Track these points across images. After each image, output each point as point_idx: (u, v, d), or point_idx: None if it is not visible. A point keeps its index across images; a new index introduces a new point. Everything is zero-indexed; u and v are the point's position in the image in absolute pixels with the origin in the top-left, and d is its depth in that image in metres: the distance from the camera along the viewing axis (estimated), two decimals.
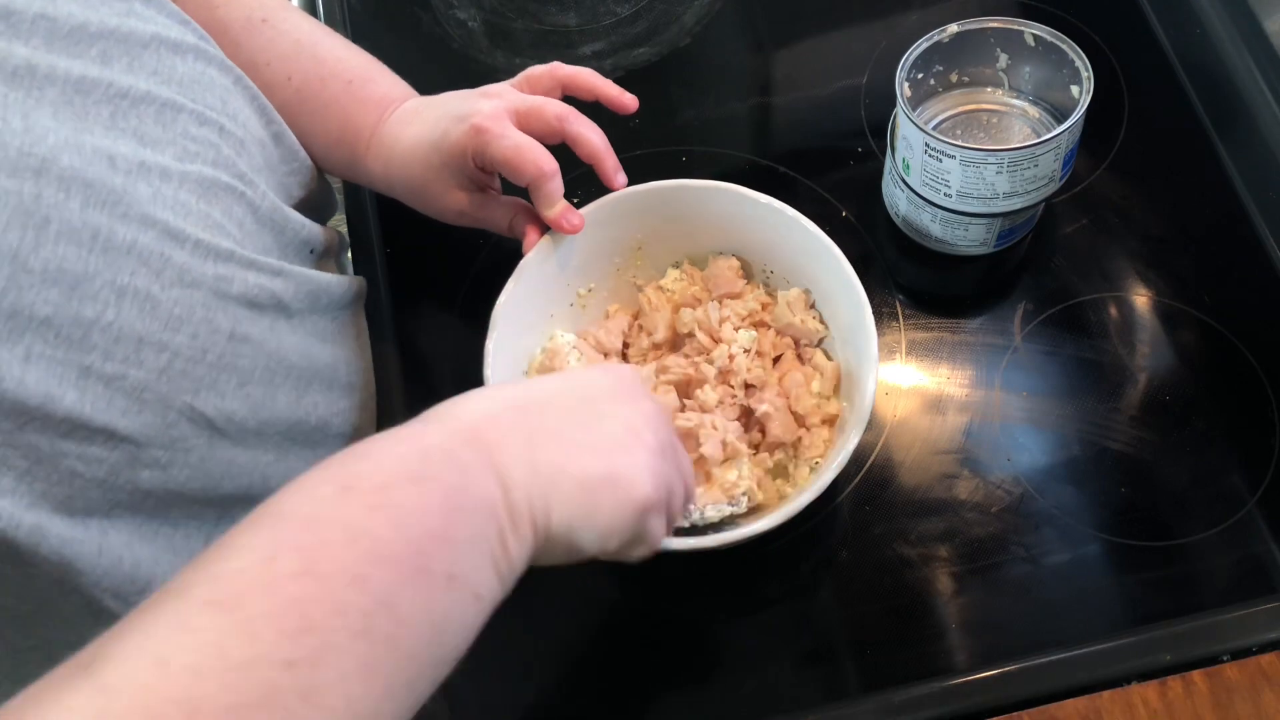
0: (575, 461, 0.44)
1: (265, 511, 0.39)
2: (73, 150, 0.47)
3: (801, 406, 0.63)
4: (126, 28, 0.53)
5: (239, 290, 0.55)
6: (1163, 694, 0.56)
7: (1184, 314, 0.69)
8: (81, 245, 0.47)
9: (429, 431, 0.43)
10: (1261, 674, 0.57)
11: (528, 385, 0.48)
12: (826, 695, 0.60)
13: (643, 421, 0.47)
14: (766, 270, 0.68)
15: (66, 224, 0.46)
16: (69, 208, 0.47)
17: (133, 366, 0.49)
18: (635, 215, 0.66)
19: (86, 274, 0.47)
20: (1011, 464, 0.65)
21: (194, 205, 0.53)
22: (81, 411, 0.48)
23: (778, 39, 0.81)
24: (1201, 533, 0.63)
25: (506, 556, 0.42)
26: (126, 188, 0.49)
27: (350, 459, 0.41)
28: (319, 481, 0.39)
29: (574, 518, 0.44)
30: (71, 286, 0.47)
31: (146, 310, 0.50)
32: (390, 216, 0.77)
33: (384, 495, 0.39)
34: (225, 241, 0.55)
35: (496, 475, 0.42)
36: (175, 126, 0.54)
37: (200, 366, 0.53)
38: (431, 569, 0.39)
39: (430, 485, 0.40)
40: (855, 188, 0.74)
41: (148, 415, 0.51)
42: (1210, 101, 0.76)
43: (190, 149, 0.55)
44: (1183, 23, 0.79)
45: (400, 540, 0.38)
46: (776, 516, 0.57)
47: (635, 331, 0.69)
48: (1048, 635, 0.60)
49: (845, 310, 0.63)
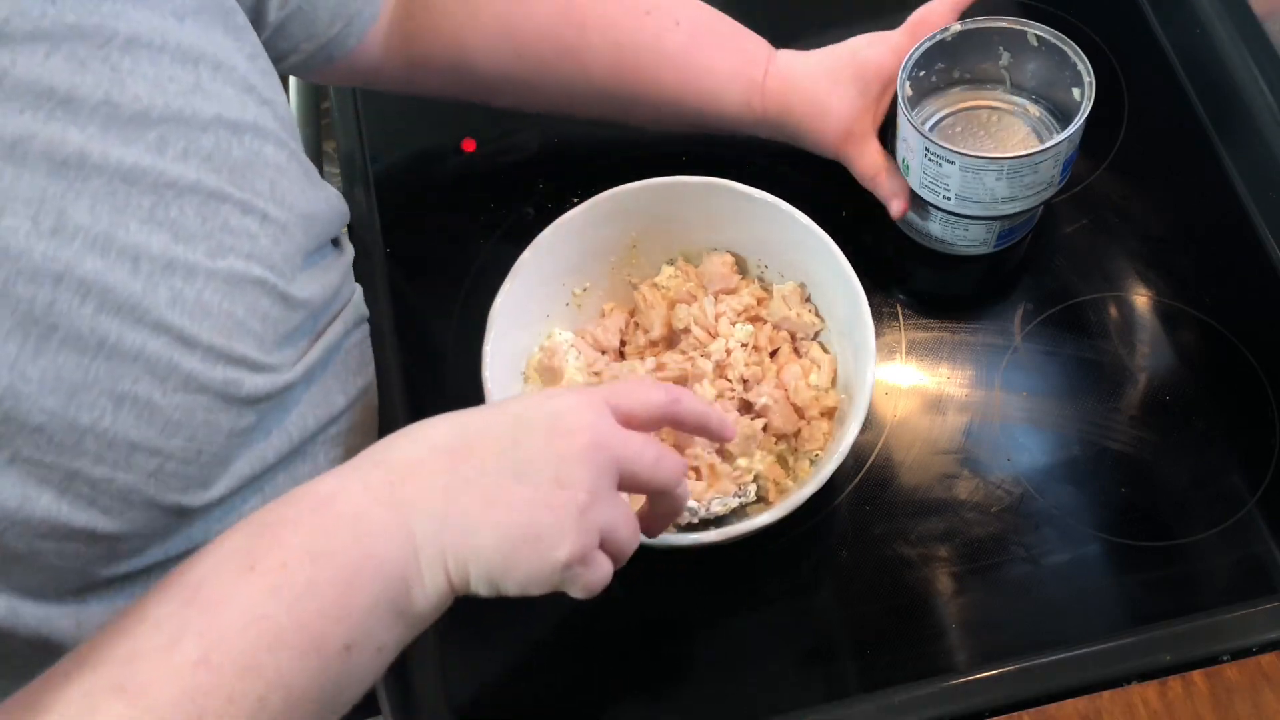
0: (492, 517, 0.44)
1: (181, 581, 0.42)
2: (99, 252, 0.47)
3: (800, 399, 0.63)
4: (190, 109, 0.51)
5: (247, 391, 0.54)
6: (1163, 694, 0.56)
7: (1184, 314, 0.69)
8: (85, 353, 0.47)
9: (347, 488, 0.44)
10: (1261, 674, 0.57)
11: (465, 422, 0.47)
12: (826, 695, 0.60)
13: (576, 468, 0.45)
14: (761, 265, 0.68)
15: (73, 331, 0.46)
16: (81, 314, 0.46)
17: (122, 471, 0.49)
18: (629, 213, 0.66)
19: (85, 382, 0.47)
20: (1011, 464, 0.65)
21: (216, 306, 0.52)
22: (59, 514, 0.48)
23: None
24: (1201, 533, 0.63)
25: (413, 609, 0.44)
26: (145, 292, 0.48)
27: (262, 527, 0.43)
28: (230, 552, 0.42)
29: (491, 572, 0.44)
30: (69, 394, 0.46)
31: (144, 417, 0.49)
32: (390, 216, 0.77)
33: (282, 575, 0.41)
34: (240, 345, 0.53)
35: (407, 536, 0.43)
36: (216, 219, 0.52)
37: (193, 467, 0.52)
38: (327, 644, 0.41)
39: (329, 561, 0.42)
40: (855, 188, 0.74)
41: (132, 514, 0.51)
42: (1210, 101, 0.76)
43: (226, 242, 0.52)
44: (1183, 23, 0.79)
45: (295, 624, 0.41)
46: (779, 510, 0.57)
47: (631, 329, 0.69)
48: (1048, 635, 0.60)
49: (841, 303, 0.63)
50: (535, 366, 0.66)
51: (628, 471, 0.47)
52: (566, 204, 0.66)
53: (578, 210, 0.65)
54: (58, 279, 0.45)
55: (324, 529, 0.43)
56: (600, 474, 0.46)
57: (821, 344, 0.67)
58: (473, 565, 0.44)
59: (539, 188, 0.77)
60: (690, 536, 0.57)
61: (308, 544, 0.42)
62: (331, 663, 0.42)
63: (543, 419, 0.46)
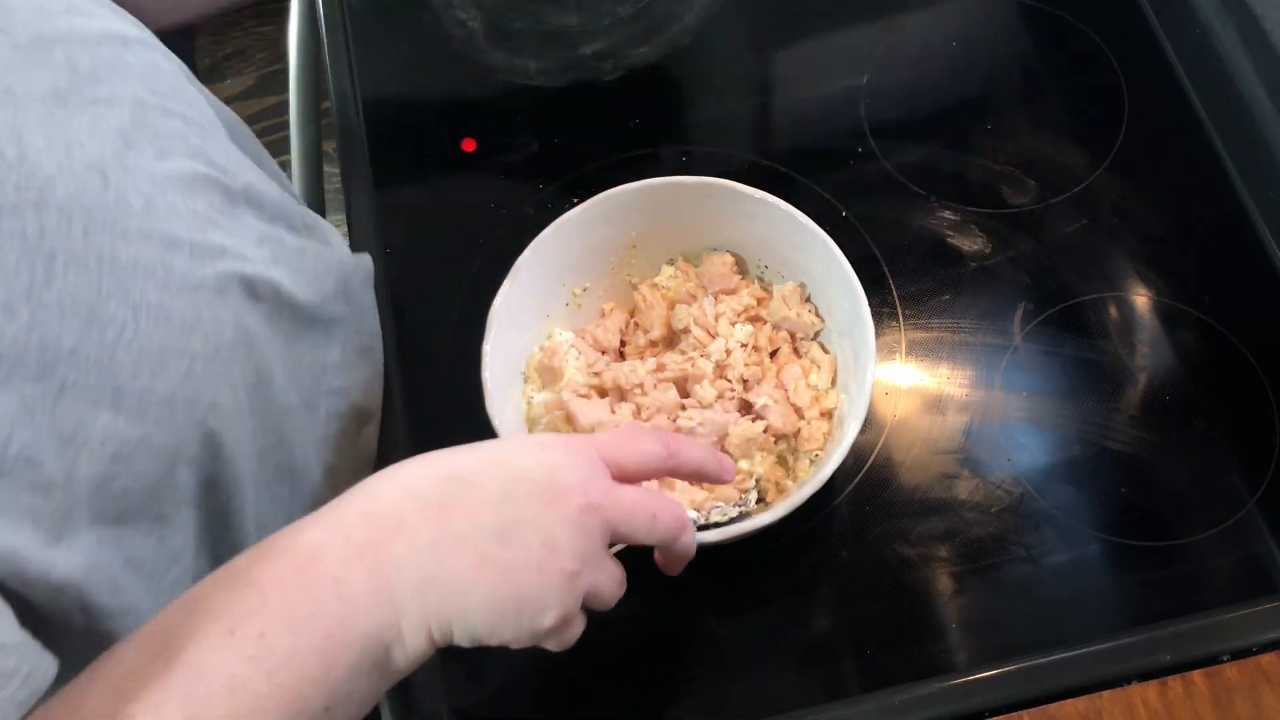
0: (481, 581, 0.44)
1: (163, 638, 0.42)
2: (67, 175, 0.47)
3: (800, 399, 0.63)
4: (77, 28, 0.52)
5: (240, 285, 0.55)
6: (1163, 694, 0.56)
7: (1184, 314, 0.69)
8: (89, 271, 0.47)
9: (329, 543, 0.44)
10: (1261, 674, 0.57)
11: (455, 471, 0.46)
12: (826, 695, 0.60)
13: (565, 532, 0.45)
14: (761, 265, 0.68)
15: (72, 254, 0.46)
16: (72, 236, 0.46)
17: (160, 378, 0.50)
18: (628, 213, 0.66)
19: (100, 299, 0.47)
20: (1011, 464, 0.65)
21: (181, 205, 0.53)
22: (117, 430, 0.48)
23: (778, 39, 0.81)
24: (1201, 533, 0.63)
25: (393, 666, 0.44)
26: (119, 204, 0.49)
27: (246, 585, 0.43)
28: (211, 613, 0.42)
29: (476, 632, 0.45)
30: (89, 313, 0.47)
31: (161, 322, 0.50)
32: (390, 216, 0.77)
33: (262, 645, 0.41)
34: (216, 235, 0.54)
35: (390, 600, 0.43)
36: (147, 124, 0.53)
37: (215, 364, 0.53)
38: (306, 707, 0.42)
39: (309, 629, 0.42)
40: (855, 188, 0.74)
41: (182, 424, 0.51)
42: (1210, 101, 0.76)
43: (164, 145, 0.54)
44: (1183, 23, 0.79)
45: (275, 691, 0.41)
46: (779, 509, 0.57)
47: (631, 329, 0.69)
48: (1048, 635, 0.60)
49: (841, 302, 0.63)
50: (535, 366, 0.66)
51: (621, 533, 0.47)
52: (566, 204, 0.66)
53: (578, 210, 0.65)
54: (36, 206, 0.45)
55: (305, 592, 0.43)
56: (590, 538, 0.46)
57: (821, 344, 0.67)
58: (457, 626, 0.44)
59: (539, 188, 0.77)
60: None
61: (289, 609, 0.42)
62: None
63: (536, 474, 0.46)
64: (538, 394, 0.66)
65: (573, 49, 0.85)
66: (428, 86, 0.74)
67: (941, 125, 0.78)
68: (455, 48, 0.86)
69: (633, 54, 0.84)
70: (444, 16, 0.87)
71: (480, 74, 0.84)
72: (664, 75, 0.83)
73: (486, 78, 0.83)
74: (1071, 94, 0.79)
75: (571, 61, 0.84)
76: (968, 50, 0.82)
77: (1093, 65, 0.79)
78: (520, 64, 0.84)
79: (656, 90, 0.81)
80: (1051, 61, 0.80)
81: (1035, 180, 0.75)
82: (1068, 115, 0.78)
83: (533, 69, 0.84)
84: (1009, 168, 0.75)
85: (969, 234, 0.73)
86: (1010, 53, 0.81)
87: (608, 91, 0.81)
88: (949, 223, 0.74)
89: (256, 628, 0.42)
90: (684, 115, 0.81)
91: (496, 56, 0.85)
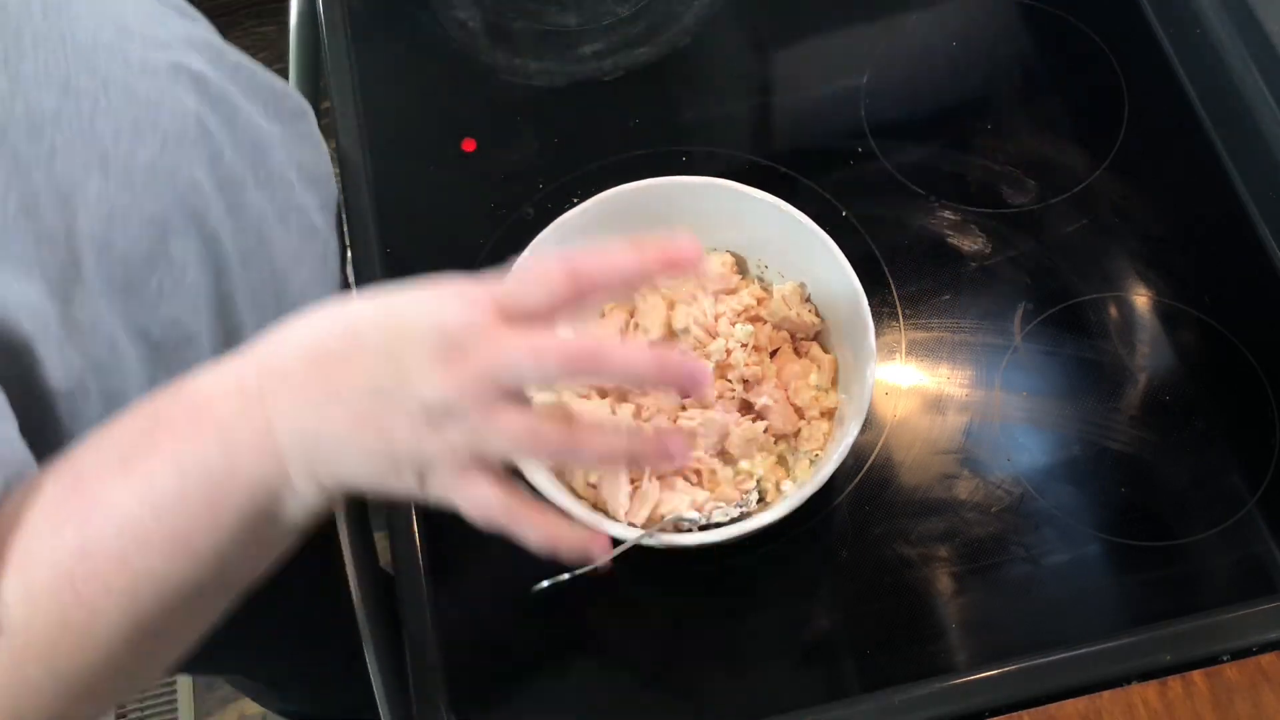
0: (356, 435, 0.44)
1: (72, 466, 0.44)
2: None
3: (800, 399, 0.63)
4: None
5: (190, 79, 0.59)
6: (1163, 694, 0.56)
7: (1184, 314, 0.69)
8: (56, 48, 0.50)
9: (224, 389, 0.45)
10: (1261, 674, 0.57)
11: (348, 320, 0.45)
12: (826, 695, 0.60)
13: (443, 389, 0.43)
14: (761, 265, 0.68)
15: (37, 32, 0.50)
16: (33, 15, 0.50)
17: (138, 148, 0.54)
18: (629, 213, 0.66)
19: (71, 72, 0.51)
20: (1011, 464, 0.65)
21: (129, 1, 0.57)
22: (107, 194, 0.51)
23: (778, 39, 0.81)
24: (1201, 533, 0.63)
25: (288, 515, 0.45)
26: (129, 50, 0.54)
27: (147, 421, 0.44)
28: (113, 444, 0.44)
29: (361, 485, 0.45)
30: (64, 85, 0.50)
31: (129, 97, 0.54)
32: (390, 216, 0.77)
33: (151, 486, 0.43)
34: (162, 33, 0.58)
35: (274, 451, 0.44)
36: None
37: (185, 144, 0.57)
38: (196, 548, 0.43)
39: (194, 476, 0.43)
40: (855, 188, 0.74)
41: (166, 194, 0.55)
42: (1210, 101, 0.76)
43: None
44: (1183, 23, 0.79)
45: (162, 531, 0.43)
46: (779, 509, 0.57)
47: (631, 329, 0.69)
48: (1048, 635, 0.60)
49: (841, 302, 0.63)
50: None
51: (506, 379, 0.44)
52: (566, 204, 0.66)
53: (578, 210, 0.65)
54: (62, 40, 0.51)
55: (194, 438, 0.44)
56: (471, 393, 0.43)
57: (821, 344, 0.67)
58: (345, 478, 0.45)
59: (539, 188, 0.77)
60: (691, 537, 0.57)
61: (176, 454, 0.43)
62: (204, 563, 0.44)
63: (423, 329, 0.44)
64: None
65: (573, 49, 0.85)
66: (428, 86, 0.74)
67: (941, 125, 0.78)
68: (455, 48, 0.86)
69: (633, 54, 0.84)
70: (444, 16, 0.87)
71: (480, 74, 0.84)
72: (664, 75, 0.83)
73: (486, 78, 0.83)
74: (1071, 94, 0.79)
75: (571, 61, 0.84)
76: (968, 50, 0.82)
77: (1093, 65, 0.79)
78: (520, 64, 0.84)
79: (656, 90, 0.81)
80: (1051, 61, 0.80)
81: (1035, 180, 0.75)
82: (1068, 115, 0.78)
83: (533, 69, 0.84)
84: (1009, 168, 0.75)
85: (969, 234, 0.73)
86: (1010, 53, 0.81)
87: (608, 91, 0.81)
88: (949, 223, 0.74)
89: (149, 468, 0.43)
90: (684, 115, 0.81)
91: (496, 56, 0.85)
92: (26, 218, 0.47)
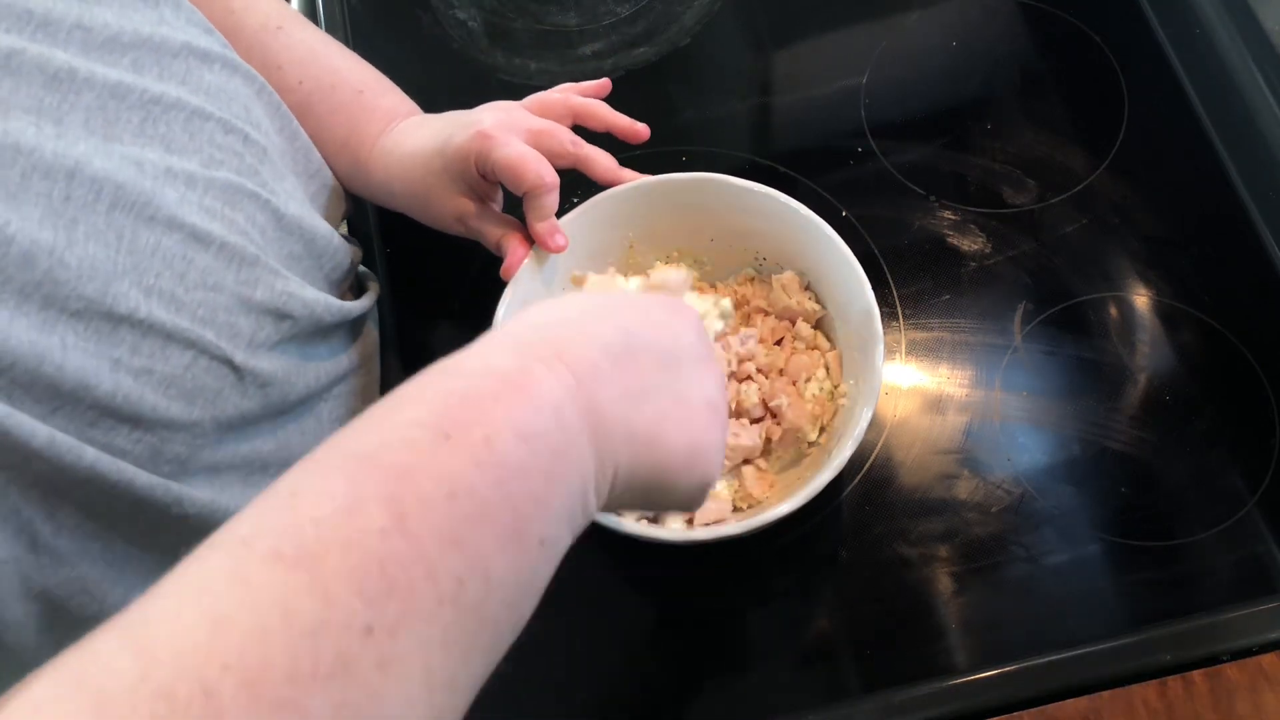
0: (668, 434, 0.42)
1: (336, 452, 0.35)
2: (103, 156, 0.50)
3: (808, 390, 0.64)
4: (158, 36, 0.55)
5: (262, 297, 0.56)
6: (1163, 694, 0.56)
7: (1184, 314, 0.69)
8: (109, 246, 0.49)
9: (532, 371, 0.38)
10: (1261, 674, 0.57)
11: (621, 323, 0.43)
12: (826, 695, 0.60)
13: (717, 392, 0.46)
14: (760, 257, 0.69)
15: (93, 226, 0.49)
16: (96, 210, 0.49)
17: (159, 362, 0.51)
18: (626, 215, 0.66)
19: (116, 273, 0.49)
20: (1011, 464, 0.65)
21: (220, 210, 0.55)
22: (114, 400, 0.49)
23: (778, 39, 0.81)
24: (1201, 533, 0.63)
25: (583, 518, 0.39)
26: (155, 191, 0.51)
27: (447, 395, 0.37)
28: (407, 423, 0.35)
29: (649, 487, 0.42)
30: (104, 285, 0.49)
31: (172, 310, 0.52)
32: (390, 217, 0.77)
33: (489, 450, 0.35)
34: (251, 247, 0.56)
35: (594, 443, 0.39)
36: (202, 135, 0.56)
37: (225, 367, 0.54)
38: (527, 534, 0.36)
39: (538, 446, 0.36)
40: (855, 188, 0.74)
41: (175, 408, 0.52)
42: (1210, 101, 0.76)
43: (216, 156, 0.56)
44: (1183, 23, 0.79)
45: (503, 503, 0.35)
46: (795, 500, 0.56)
47: None
48: (1048, 635, 0.60)
49: (843, 288, 0.63)
50: None
51: None
52: (566, 204, 0.66)
53: (577, 210, 0.65)
54: (70, 175, 0.48)
55: (530, 409, 0.37)
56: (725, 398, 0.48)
57: (825, 333, 0.67)
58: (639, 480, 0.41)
59: None
60: (708, 532, 0.57)
61: (514, 421, 0.36)
62: (528, 557, 0.36)
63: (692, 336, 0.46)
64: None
65: (573, 49, 0.85)
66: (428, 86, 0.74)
67: (941, 125, 0.78)
68: (455, 47, 0.86)
69: (632, 54, 0.84)
70: (444, 16, 0.87)
71: (480, 74, 0.84)
72: (664, 75, 0.83)
73: (486, 78, 0.83)
74: (1071, 94, 0.79)
75: (571, 61, 0.84)
76: (968, 50, 0.82)
77: (1093, 65, 0.79)
78: (520, 64, 0.84)
79: (656, 90, 0.81)
80: (1051, 61, 0.80)
81: (1035, 180, 0.75)
82: (1068, 115, 0.78)
83: (533, 69, 0.84)
84: (1009, 168, 0.75)
85: (969, 234, 0.73)
86: (1010, 53, 0.81)
87: None
88: (949, 223, 0.74)
89: (481, 433, 0.35)
90: (684, 115, 0.81)
91: (496, 56, 0.85)
92: None
